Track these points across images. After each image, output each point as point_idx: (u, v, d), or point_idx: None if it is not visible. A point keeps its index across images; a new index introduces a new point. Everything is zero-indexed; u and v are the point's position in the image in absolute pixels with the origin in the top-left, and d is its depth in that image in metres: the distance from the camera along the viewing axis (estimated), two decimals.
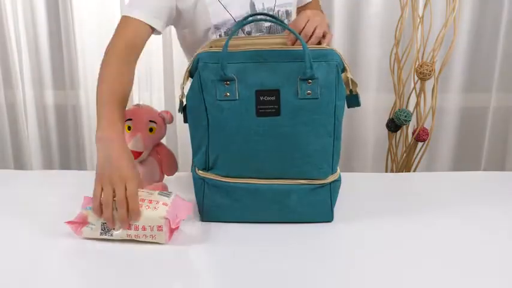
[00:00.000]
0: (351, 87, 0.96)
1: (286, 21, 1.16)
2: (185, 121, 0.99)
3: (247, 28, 1.14)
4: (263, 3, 1.13)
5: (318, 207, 0.97)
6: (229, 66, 0.90)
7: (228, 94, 0.91)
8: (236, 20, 1.11)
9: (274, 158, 0.92)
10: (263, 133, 0.91)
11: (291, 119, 0.90)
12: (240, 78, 0.91)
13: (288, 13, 1.17)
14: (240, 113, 0.91)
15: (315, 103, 0.91)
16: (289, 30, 0.93)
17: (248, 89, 0.90)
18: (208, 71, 0.91)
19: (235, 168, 0.94)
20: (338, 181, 0.98)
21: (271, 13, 1.12)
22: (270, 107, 0.90)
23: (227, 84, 0.91)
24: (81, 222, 0.90)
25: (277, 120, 0.90)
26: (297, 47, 0.91)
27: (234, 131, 0.91)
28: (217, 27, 1.12)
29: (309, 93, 0.90)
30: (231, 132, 0.91)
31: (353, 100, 0.97)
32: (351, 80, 0.95)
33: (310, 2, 1.28)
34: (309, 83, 0.90)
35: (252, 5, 1.13)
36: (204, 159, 0.96)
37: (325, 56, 0.91)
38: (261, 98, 0.90)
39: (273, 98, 0.90)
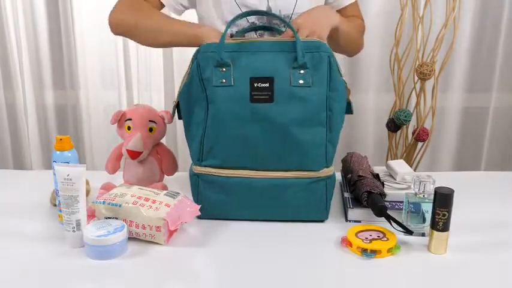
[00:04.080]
0: None
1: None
2: (180, 117, 1.01)
3: (259, 31, 1.16)
4: (279, 10, 1.14)
5: (313, 203, 0.98)
6: (226, 54, 0.93)
7: (224, 80, 0.93)
8: (249, 22, 1.13)
9: (268, 145, 0.94)
10: (257, 119, 0.92)
11: (283, 106, 0.92)
12: (235, 64, 0.93)
13: None
14: (235, 99, 0.93)
15: (307, 91, 0.93)
16: (283, 21, 0.96)
17: (243, 76, 0.93)
18: (207, 60, 0.94)
19: (229, 156, 0.95)
20: (333, 177, 0.98)
21: (287, 19, 1.14)
22: (264, 93, 0.92)
23: (223, 71, 0.93)
24: (89, 215, 0.93)
25: (270, 107, 0.92)
26: (291, 39, 0.95)
27: (228, 117, 0.93)
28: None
29: (301, 83, 0.93)
30: (226, 119, 0.93)
31: (346, 108, 0.99)
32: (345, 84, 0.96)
33: (346, 8, 1.25)
34: (301, 73, 0.93)
35: (269, 10, 1.14)
36: (198, 148, 0.97)
37: (317, 47, 0.94)
38: (255, 85, 0.92)
39: (267, 85, 0.92)
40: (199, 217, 0.99)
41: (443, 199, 0.85)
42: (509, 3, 1.92)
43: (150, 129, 1.09)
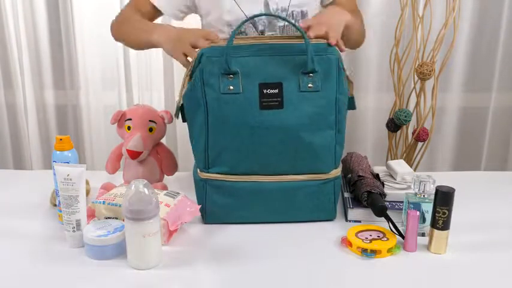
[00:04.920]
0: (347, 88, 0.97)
1: (300, 22, 1.15)
2: (184, 120, 1.00)
3: (260, 27, 1.15)
4: (277, 3, 1.13)
5: (322, 204, 0.98)
6: (233, 60, 0.91)
7: (232, 88, 0.91)
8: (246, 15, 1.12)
9: (278, 151, 0.93)
10: (267, 126, 0.91)
11: (293, 111, 0.91)
12: (243, 71, 0.91)
13: (303, 13, 1.16)
14: (244, 106, 0.91)
15: (316, 96, 0.92)
16: (292, 24, 0.93)
17: (251, 82, 0.91)
18: (212, 65, 0.91)
19: (238, 163, 0.94)
20: (339, 177, 0.99)
21: (284, 13, 1.13)
22: (273, 99, 0.91)
23: (231, 78, 0.91)
24: (89, 215, 0.93)
25: (280, 113, 0.91)
26: (299, 41, 0.92)
27: (238, 125, 0.92)
28: (229, 24, 1.14)
29: (310, 87, 0.92)
30: (235, 126, 0.92)
31: (348, 102, 0.98)
32: (348, 77, 0.96)
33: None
34: (310, 76, 0.92)
35: (266, 4, 1.13)
36: (203, 156, 0.96)
37: (325, 50, 0.93)
38: (264, 91, 0.91)
39: (276, 91, 0.91)
40: (206, 222, 0.99)
41: (444, 197, 0.85)
42: (509, 3, 1.92)
43: (150, 129, 1.09)
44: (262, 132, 0.92)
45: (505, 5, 1.92)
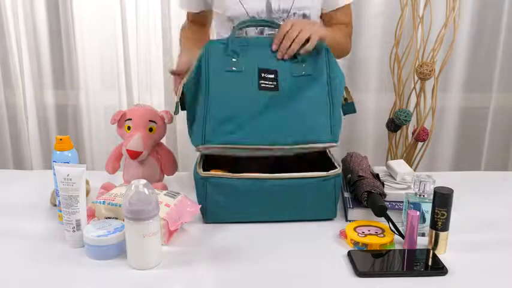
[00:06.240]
0: (345, 96, 1.03)
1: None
2: (183, 108, 1.04)
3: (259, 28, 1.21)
4: (279, 4, 1.16)
5: (323, 202, 0.98)
6: (235, 46, 1.00)
7: (234, 68, 0.99)
8: (249, 15, 1.18)
9: (275, 121, 0.97)
10: (265, 103, 0.97)
11: (288, 94, 0.98)
12: (244, 55, 1.00)
13: (305, 16, 1.20)
14: (245, 84, 0.99)
15: (309, 79, 1.00)
16: (274, 25, 1.04)
17: (252, 65, 0.99)
18: (215, 47, 1.01)
19: (235, 132, 0.96)
20: (340, 176, 0.99)
21: (285, 15, 1.18)
22: (270, 83, 0.98)
23: (233, 61, 0.99)
24: (89, 215, 0.93)
25: (276, 95, 0.98)
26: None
27: (237, 97, 0.97)
28: (230, 19, 1.20)
29: (303, 74, 1.00)
30: (235, 98, 0.97)
31: (349, 107, 1.04)
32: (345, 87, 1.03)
33: (336, 12, 1.26)
34: (302, 66, 1.01)
35: (269, 4, 1.17)
36: (201, 129, 0.97)
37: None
38: (263, 75, 0.99)
39: (273, 76, 0.99)
40: (206, 221, 0.99)
41: (442, 199, 0.85)
42: (509, 3, 1.92)
43: (150, 129, 1.09)
44: (261, 108, 0.96)
45: (505, 5, 1.92)
